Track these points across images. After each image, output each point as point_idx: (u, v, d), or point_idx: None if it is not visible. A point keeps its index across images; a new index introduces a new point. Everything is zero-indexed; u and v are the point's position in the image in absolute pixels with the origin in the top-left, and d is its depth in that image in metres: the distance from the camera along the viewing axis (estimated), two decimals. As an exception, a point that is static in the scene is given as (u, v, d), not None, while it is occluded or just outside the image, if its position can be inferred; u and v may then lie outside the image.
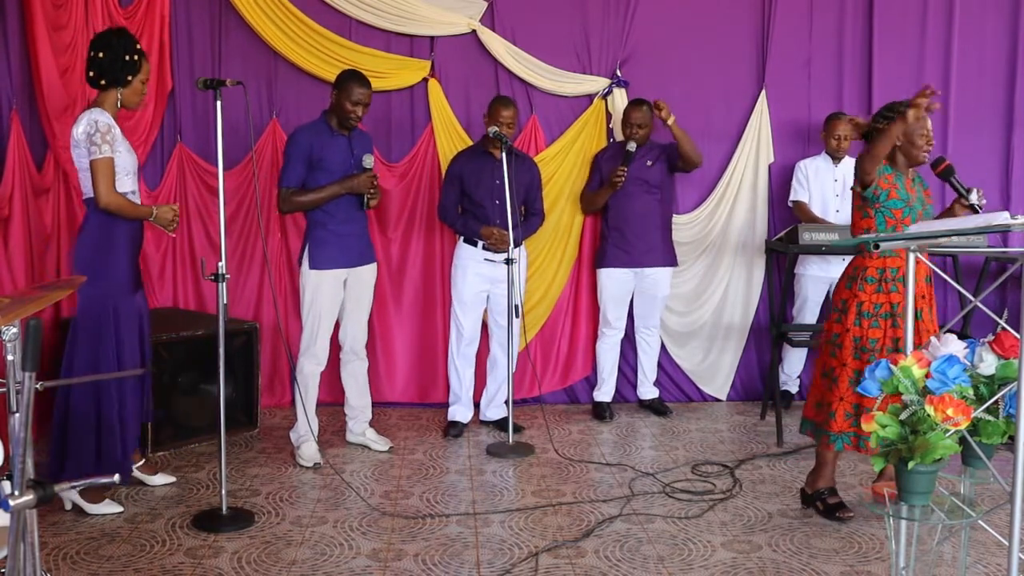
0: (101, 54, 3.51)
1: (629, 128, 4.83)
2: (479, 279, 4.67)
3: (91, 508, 3.58)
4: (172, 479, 3.92)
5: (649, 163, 4.90)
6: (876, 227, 3.49)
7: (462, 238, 4.70)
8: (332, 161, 4.14)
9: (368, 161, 4.17)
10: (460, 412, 4.78)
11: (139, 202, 3.64)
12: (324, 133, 4.16)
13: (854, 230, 3.63)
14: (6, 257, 4.21)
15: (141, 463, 3.89)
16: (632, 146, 4.80)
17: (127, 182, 3.56)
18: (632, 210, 4.89)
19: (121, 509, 3.62)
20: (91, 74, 3.55)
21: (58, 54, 4.47)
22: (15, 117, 4.32)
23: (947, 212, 3.64)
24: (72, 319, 3.61)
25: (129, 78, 3.56)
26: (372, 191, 4.17)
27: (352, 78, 4.13)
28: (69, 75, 4.56)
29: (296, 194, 4.14)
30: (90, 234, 3.56)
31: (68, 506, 3.60)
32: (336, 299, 4.25)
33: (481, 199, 4.61)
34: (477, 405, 4.89)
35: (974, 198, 3.49)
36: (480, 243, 4.62)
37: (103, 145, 3.44)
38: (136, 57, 3.55)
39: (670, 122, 4.74)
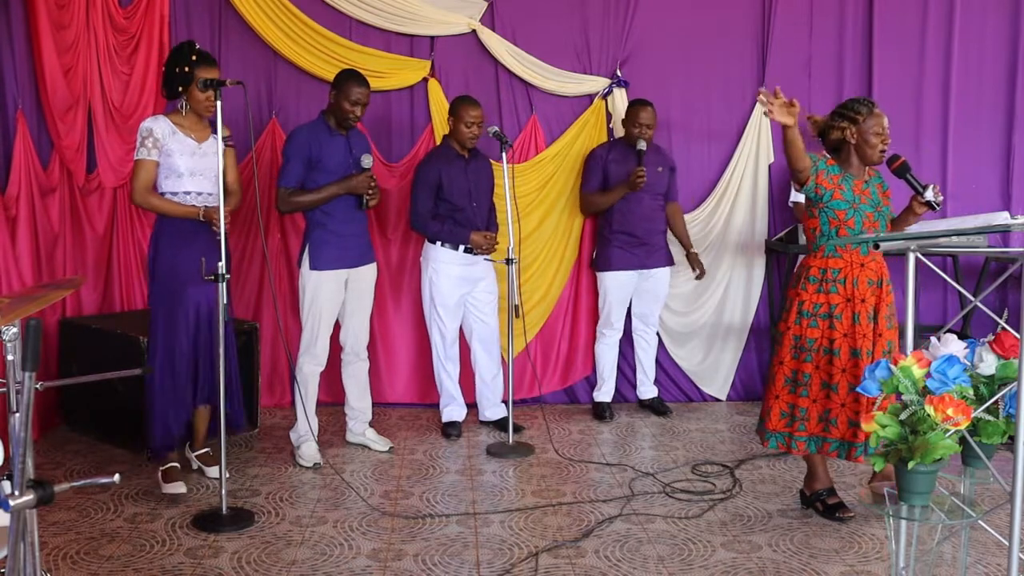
0: (165, 69, 3.75)
1: (638, 128, 4.82)
2: (460, 282, 4.63)
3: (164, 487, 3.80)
4: (183, 490, 3.79)
5: (660, 169, 4.91)
6: (820, 227, 3.52)
7: (438, 242, 4.59)
8: (331, 161, 4.14)
9: (366, 161, 4.16)
10: (456, 412, 4.78)
11: (203, 203, 3.72)
12: (323, 133, 4.16)
13: (805, 231, 3.65)
14: (14, 256, 4.22)
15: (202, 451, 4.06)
16: (643, 145, 4.80)
17: (179, 183, 3.72)
18: (641, 213, 4.90)
19: (184, 491, 3.78)
20: (161, 88, 3.81)
21: (61, 53, 4.48)
22: (21, 117, 4.32)
23: (907, 210, 3.58)
24: None
25: (181, 88, 3.68)
26: (371, 191, 4.16)
27: (350, 78, 4.13)
28: (72, 75, 4.57)
29: (295, 194, 4.13)
30: (153, 232, 3.82)
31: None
32: (337, 299, 4.25)
33: (459, 202, 4.55)
34: (469, 404, 4.88)
35: (929, 195, 3.46)
36: (461, 247, 4.58)
37: (140, 148, 3.67)
38: (187, 68, 3.65)
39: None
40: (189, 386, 3.80)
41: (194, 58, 3.65)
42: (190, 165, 3.71)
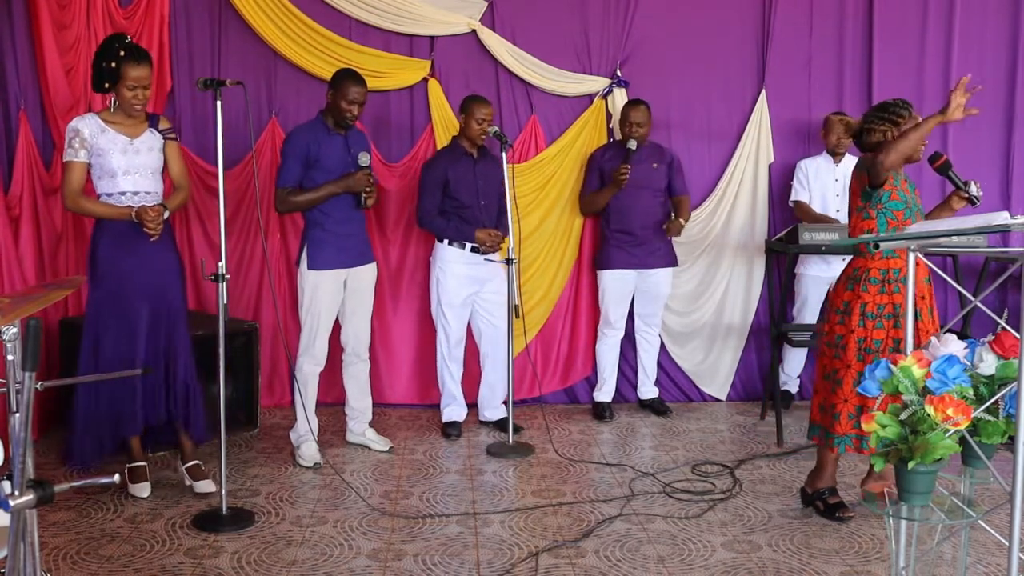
0: (93, 63, 3.58)
1: (628, 127, 4.84)
2: (467, 281, 4.64)
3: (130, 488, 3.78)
4: (146, 494, 3.77)
5: (655, 165, 4.92)
6: (878, 229, 3.48)
7: (446, 241, 4.63)
8: (330, 160, 4.14)
9: (364, 159, 4.16)
10: (456, 412, 4.78)
11: (140, 202, 3.57)
12: (321, 132, 4.16)
13: (853, 232, 3.60)
14: (17, 256, 4.22)
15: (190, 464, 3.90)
16: (633, 144, 4.81)
17: (114, 183, 3.58)
18: (637, 211, 4.90)
19: (146, 495, 3.77)
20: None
21: (63, 53, 4.48)
22: (23, 117, 4.33)
23: (943, 205, 3.65)
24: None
25: (107, 85, 3.54)
26: (368, 190, 4.15)
27: (347, 77, 4.13)
28: (73, 74, 4.57)
29: (293, 194, 4.13)
30: (91, 237, 3.68)
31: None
32: (335, 299, 4.24)
33: (467, 201, 4.57)
34: (470, 405, 4.89)
35: (973, 190, 3.52)
36: (468, 245, 4.60)
37: (68, 149, 3.54)
38: (114, 65, 3.49)
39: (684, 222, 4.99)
40: (135, 398, 3.66)
41: (122, 53, 3.49)
42: (123, 163, 3.58)
